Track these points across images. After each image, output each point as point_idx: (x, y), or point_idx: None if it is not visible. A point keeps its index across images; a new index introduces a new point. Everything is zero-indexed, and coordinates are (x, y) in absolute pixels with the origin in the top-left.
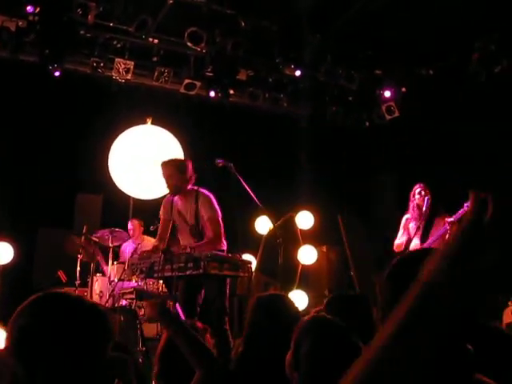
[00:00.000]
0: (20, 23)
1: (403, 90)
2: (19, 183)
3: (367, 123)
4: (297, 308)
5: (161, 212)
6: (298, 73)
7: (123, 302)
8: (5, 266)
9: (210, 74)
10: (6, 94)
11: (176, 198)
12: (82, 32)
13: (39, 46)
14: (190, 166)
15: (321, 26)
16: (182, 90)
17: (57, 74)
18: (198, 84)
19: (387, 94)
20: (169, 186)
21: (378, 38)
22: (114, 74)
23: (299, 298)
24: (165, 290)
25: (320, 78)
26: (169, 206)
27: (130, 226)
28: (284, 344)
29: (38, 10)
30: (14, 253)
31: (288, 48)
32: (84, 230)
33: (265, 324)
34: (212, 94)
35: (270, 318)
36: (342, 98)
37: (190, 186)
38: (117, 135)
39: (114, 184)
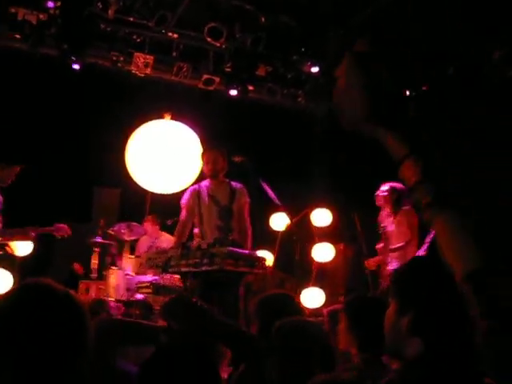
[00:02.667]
0: (41, 16)
1: (423, 88)
2: (37, 177)
3: None
4: (300, 308)
5: (184, 198)
6: (315, 69)
7: (139, 296)
8: (22, 259)
9: (229, 70)
10: (26, 86)
11: (206, 183)
12: (102, 26)
13: (59, 40)
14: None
15: (341, 20)
16: (201, 86)
17: (76, 67)
18: (217, 79)
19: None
20: (210, 170)
21: (400, 33)
22: (133, 68)
23: (315, 296)
24: (181, 284)
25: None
26: (196, 192)
27: (145, 223)
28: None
29: (58, 3)
30: (33, 246)
31: (307, 44)
32: (101, 224)
33: (268, 324)
34: (233, 92)
35: (274, 317)
36: None
37: (222, 176)
38: (135, 129)
39: (132, 178)
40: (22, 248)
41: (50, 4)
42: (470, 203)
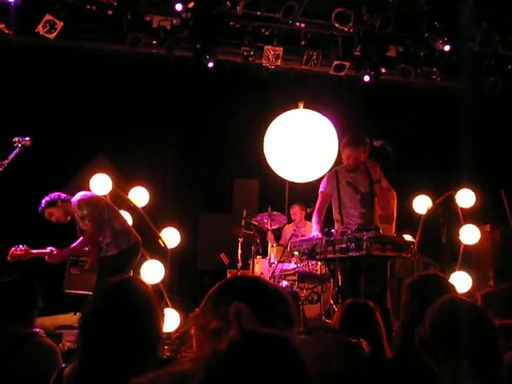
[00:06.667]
0: (174, 21)
1: None
2: (180, 172)
3: None
4: (455, 288)
5: (322, 186)
6: (447, 47)
7: (284, 284)
8: (172, 250)
9: (359, 54)
10: (163, 89)
11: (344, 170)
12: (231, 23)
13: (193, 41)
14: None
15: None
16: (332, 72)
17: (210, 65)
18: (347, 64)
19: None
20: (350, 165)
21: None
22: (263, 61)
23: (462, 280)
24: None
25: (474, 48)
26: (334, 178)
27: (292, 211)
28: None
29: (190, 5)
30: (180, 237)
31: (438, 20)
32: (244, 214)
33: (417, 308)
34: (366, 78)
35: (421, 302)
36: (501, 66)
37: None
38: (270, 121)
39: (270, 168)
40: (171, 240)
41: (179, 7)
42: None
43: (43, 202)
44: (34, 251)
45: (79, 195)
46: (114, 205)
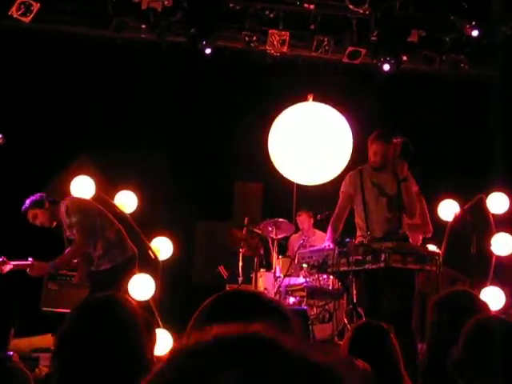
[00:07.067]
0: (166, 2)
1: None
2: (173, 174)
3: None
4: (488, 307)
5: (344, 186)
6: (475, 32)
7: (291, 300)
8: (164, 263)
9: (376, 39)
10: (155, 77)
11: (369, 169)
12: (230, 5)
13: (187, 25)
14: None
15: None
16: (346, 60)
17: (207, 51)
18: (363, 51)
19: None
20: (376, 163)
21: None
22: (268, 47)
23: (494, 296)
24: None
25: (507, 32)
26: (358, 177)
27: (299, 219)
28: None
29: None
30: (173, 248)
31: (465, 1)
32: (245, 222)
33: (446, 328)
34: (386, 66)
35: (451, 320)
36: None
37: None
38: (275, 115)
39: (275, 170)
40: (164, 251)
41: None
42: None
43: (28, 201)
44: (13, 263)
45: (68, 200)
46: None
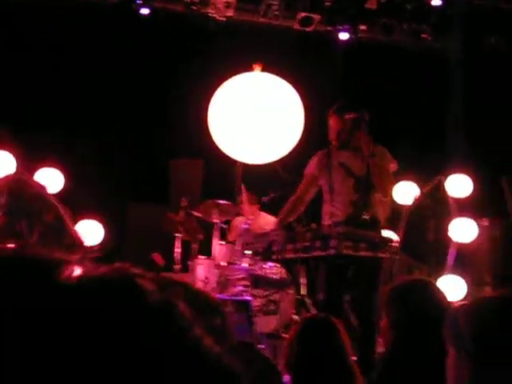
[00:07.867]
0: None
1: None
2: (102, 150)
3: None
4: (445, 298)
5: (308, 167)
6: (437, 1)
7: (234, 290)
8: (92, 249)
9: (330, 4)
10: (82, 42)
11: (335, 149)
12: None
13: None
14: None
15: None
16: (297, 27)
17: (144, 12)
18: (317, 18)
19: None
20: (338, 141)
21: None
22: (211, 10)
23: (454, 286)
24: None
25: (474, 1)
26: (325, 158)
27: (240, 200)
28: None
29: None
30: (102, 232)
31: None
32: (183, 203)
33: (405, 321)
34: (344, 35)
35: (410, 313)
36: (504, 23)
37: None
38: (217, 86)
39: (217, 147)
40: (92, 237)
41: None
42: None
43: None
44: None
45: None
46: (17, 190)
